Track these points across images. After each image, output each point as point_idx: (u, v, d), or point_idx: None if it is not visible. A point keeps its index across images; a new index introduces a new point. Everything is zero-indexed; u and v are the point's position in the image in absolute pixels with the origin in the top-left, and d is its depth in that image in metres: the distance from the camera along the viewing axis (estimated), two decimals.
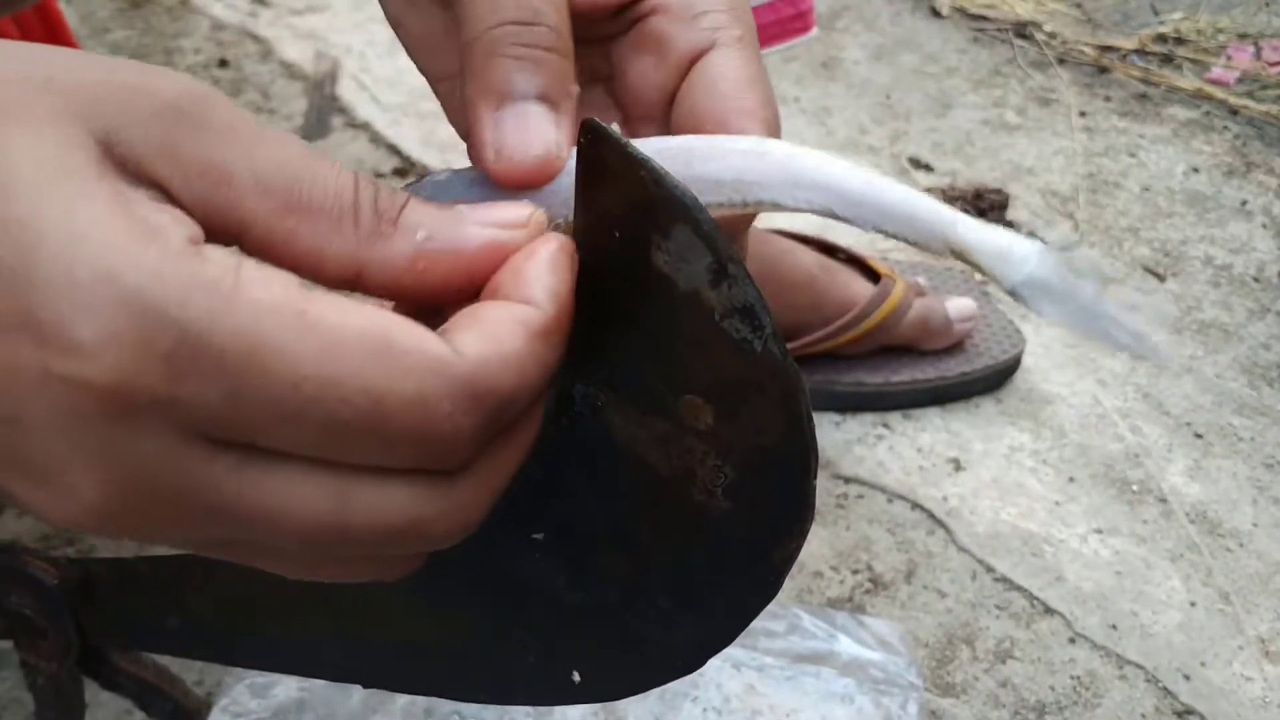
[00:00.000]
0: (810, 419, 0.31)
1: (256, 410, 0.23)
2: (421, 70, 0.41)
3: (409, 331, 0.24)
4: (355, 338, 0.24)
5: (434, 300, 0.28)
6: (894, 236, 0.31)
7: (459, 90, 0.35)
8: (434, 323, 0.26)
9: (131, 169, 0.24)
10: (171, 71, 0.26)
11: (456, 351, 0.25)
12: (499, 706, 0.67)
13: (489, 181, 0.32)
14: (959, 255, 0.31)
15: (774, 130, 0.34)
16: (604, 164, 0.29)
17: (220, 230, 0.25)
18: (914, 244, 0.31)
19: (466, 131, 0.38)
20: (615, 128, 0.29)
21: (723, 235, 0.29)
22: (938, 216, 0.31)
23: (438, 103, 0.40)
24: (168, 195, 0.25)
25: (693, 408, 0.32)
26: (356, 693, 0.70)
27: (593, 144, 0.29)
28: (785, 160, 0.32)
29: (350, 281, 0.27)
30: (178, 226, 0.24)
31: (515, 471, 0.28)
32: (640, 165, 0.29)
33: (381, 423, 0.24)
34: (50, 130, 0.23)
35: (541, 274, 0.27)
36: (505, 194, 0.31)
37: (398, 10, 0.40)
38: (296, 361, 0.23)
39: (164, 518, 0.24)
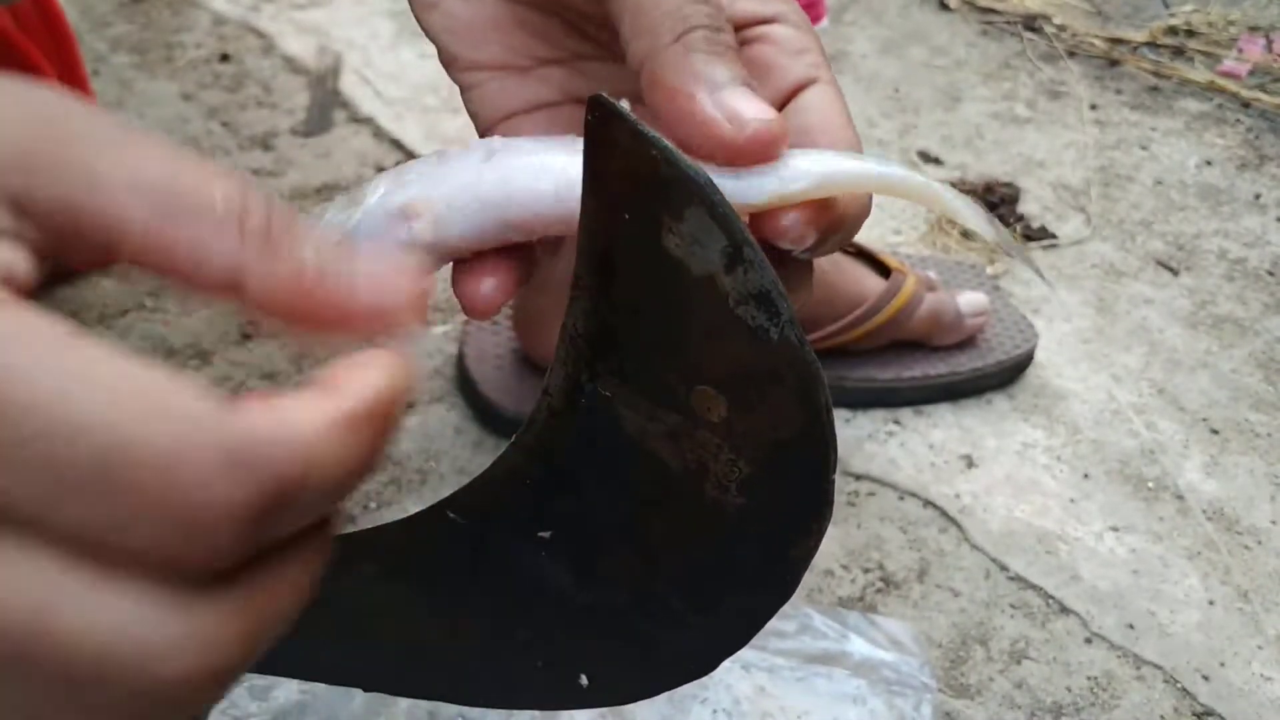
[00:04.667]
0: (830, 411, 0.30)
1: None
2: (450, 54, 0.41)
3: (176, 380, 0.20)
4: (108, 369, 0.19)
5: (308, 328, 0.25)
6: None
7: (487, 85, 0.40)
8: None
9: None
10: (30, 85, 0.24)
11: (231, 411, 0.20)
12: (504, 710, 0.65)
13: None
14: None
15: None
16: (613, 142, 0.28)
17: (91, 237, 0.23)
18: None
19: (487, 127, 0.42)
20: (624, 104, 0.28)
21: (738, 218, 0.27)
22: None
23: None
24: (22, 208, 0.22)
25: (706, 399, 0.31)
26: (358, 696, 0.69)
27: (601, 121, 0.28)
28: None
29: (229, 292, 0.24)
30: None
31: (289, 618, 0.22)
32: (650, 144, 0.27)
33: (115, 477, 0.19)
34: None
35: (365, 371, 0.24)
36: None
37: None
38: (27, 392, 0.19)
39: None
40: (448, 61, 0.42)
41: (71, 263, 0.23)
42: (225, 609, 0.20)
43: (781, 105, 0.37)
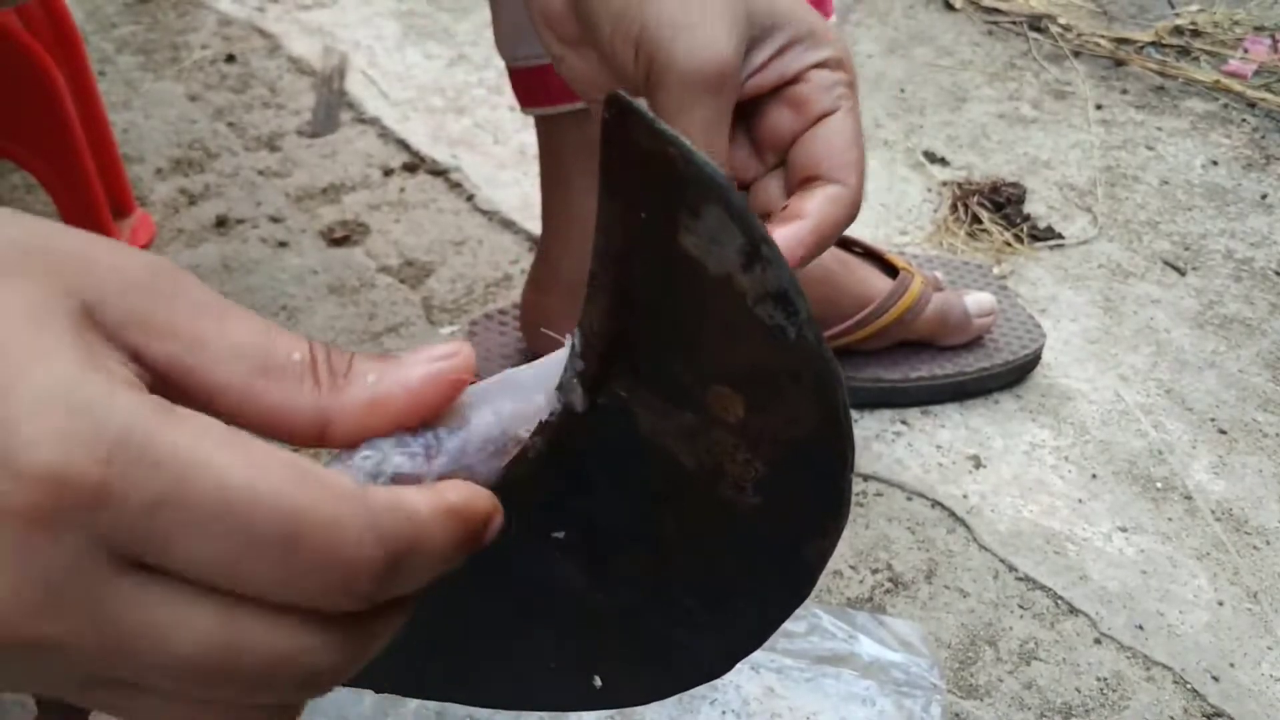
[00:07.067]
0: (847, 410, 0.30)
1: (174, 519, 0.23)
2: (583, 98, 0.51)
3: (329, 471, 0.26)
4: (281, 461, 0.25)
5: (385, 432, 0.30)
6: None
7: None
8: None
9: (109, 334, 0.26)
10: (137, 250, 0.27)
11: (369, 492, 0.26)
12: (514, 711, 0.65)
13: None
14: None
15: (862, 175, 0.46)
16: (629, 140, 0.28)
17: (195, 391, 0.27)
18: None
19: None
20: (642, 102, 0.28)
21: (755, 216, 0.27)
22: None
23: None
24: (139, 360, 0.26)
25: (722, 399, 0.31)
26: (368, 697, 0.69)
27: (617, 119, 0.28)
28: None
29: (320, 431, 0.28)
30: (134, 374, 0.25)
31: (384, 644, 0.29)
32: (668, 141, 0.27)
33: (294, 540, 0.24)
34: (33, 288, 0.25)
35: (468, 488, 0.29)
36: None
37: (559, 50, 0.50)
38: (225, 471, 0.24)
39: (53, 631, 0.24)
40: (586, 102, 0.51)
41: None
42: (355, 631, 0.27)
43: (806, 129, 0.47)
